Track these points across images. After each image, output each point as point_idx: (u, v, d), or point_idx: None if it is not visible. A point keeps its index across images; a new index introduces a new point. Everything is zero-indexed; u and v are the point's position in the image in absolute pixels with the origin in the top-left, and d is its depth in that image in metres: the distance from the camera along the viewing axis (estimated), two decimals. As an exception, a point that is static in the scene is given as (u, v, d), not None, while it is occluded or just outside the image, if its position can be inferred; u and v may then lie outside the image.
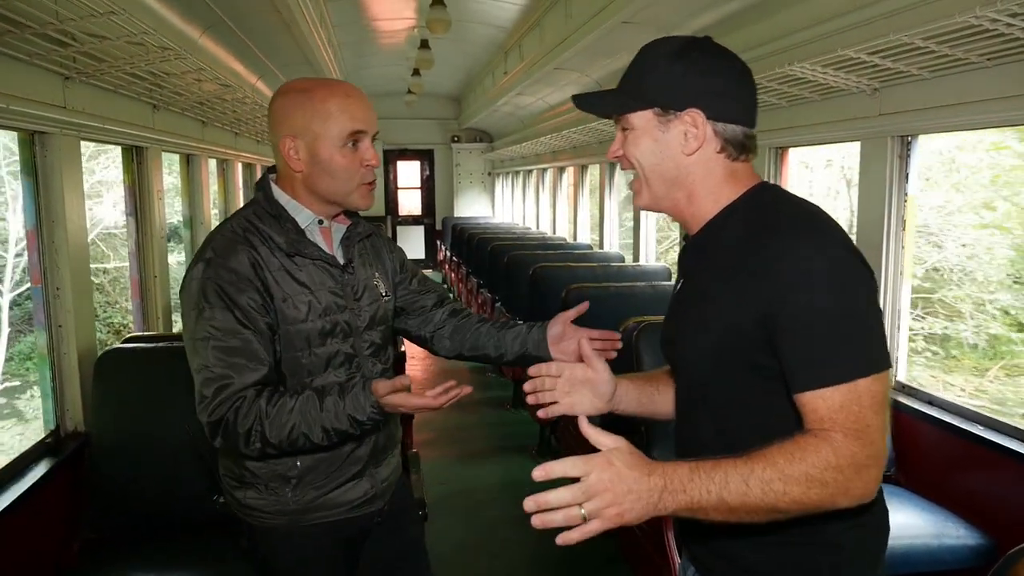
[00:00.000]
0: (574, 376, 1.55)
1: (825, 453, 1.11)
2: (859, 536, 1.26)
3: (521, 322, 1.90)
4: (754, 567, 1.30)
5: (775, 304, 1.16)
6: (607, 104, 1.40)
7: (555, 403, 1.54)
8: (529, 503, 1.08)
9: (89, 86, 2.98)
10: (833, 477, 1.11)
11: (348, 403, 1.54)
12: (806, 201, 1.29)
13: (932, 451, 2.78)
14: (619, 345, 1.71)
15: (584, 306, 1.85)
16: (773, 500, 1.11)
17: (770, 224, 1.22)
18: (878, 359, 1.15)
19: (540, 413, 1.57)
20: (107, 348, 2.69)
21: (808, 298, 1.14)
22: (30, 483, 2.36)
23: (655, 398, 1.60)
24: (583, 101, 1.41)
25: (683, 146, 1.30)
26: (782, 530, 1.20)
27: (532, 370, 1.58)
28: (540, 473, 1.09)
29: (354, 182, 1.64)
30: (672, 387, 1.55)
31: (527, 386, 1.57)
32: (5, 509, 2.21)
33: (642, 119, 1.32)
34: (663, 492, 1.10)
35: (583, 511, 1.08)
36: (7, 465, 2.42)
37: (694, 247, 1.38)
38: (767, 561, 1.29)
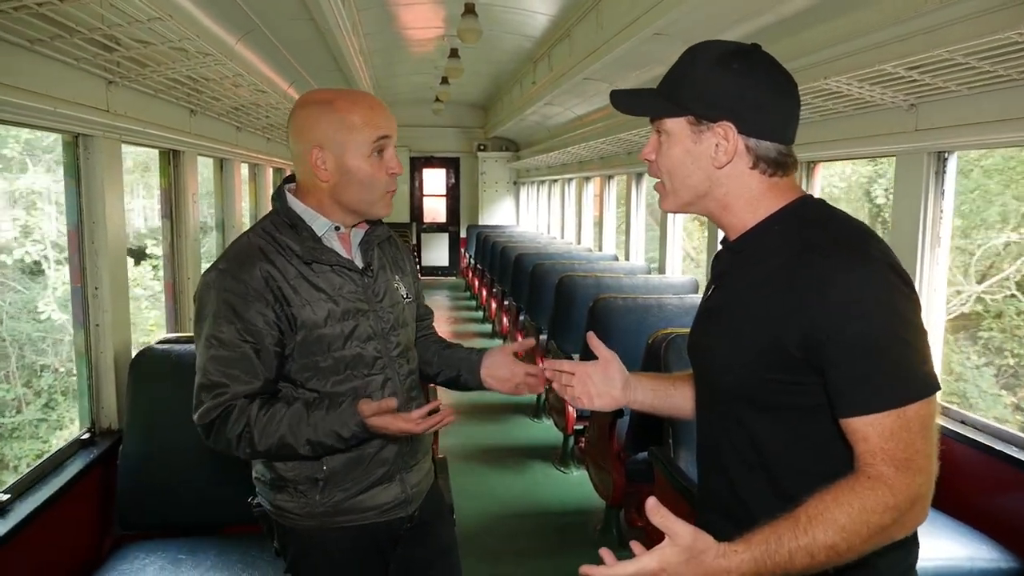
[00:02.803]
0: (586, 371, 1.59)
1: (881, 495, 1.11)
2: (892, 555, 1.24)
3: (465, 347, 1.97)
4: None
5: (823, 328, 1.14)
6: (643, 105, 1.37)
7: (578, 398, 1.59)
8: None
9: (131, 90, 3.04)
10: (892, 517, 1.11)
11: (334, 418, 1.58)
12: (851, 218, 1.27)
13: (965, 472, 2.74)
14: (544, 382, 1.74)
15: (530, 342, 1.93)
16: (839, 559, 1.12)
17: (817, 243, 1.19)
18: (927, 383, 1.14)
19: (573, 402, 1.61)
20: (142, 348, 2.73)
21: (859, 324, 1.12)
22: (66, 479, 2.40)
23: (671, 393, 1.61)
24: (619, 99, 1.39)
25: (713, 159, 1.27)
26: None
27: (548, 364, 1.63)
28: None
29: (378, 191, 1.67)
30: (691, 387, 1.55)
31: (555, 384, 1.62)
32: (42, 503, 2.25)
33: (677, 125, 1.30)
34: None
35: None
36: (45, 460, 2.47)
37: (730, 252, 1.36)
38: None
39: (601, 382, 1.58)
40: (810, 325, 1.15)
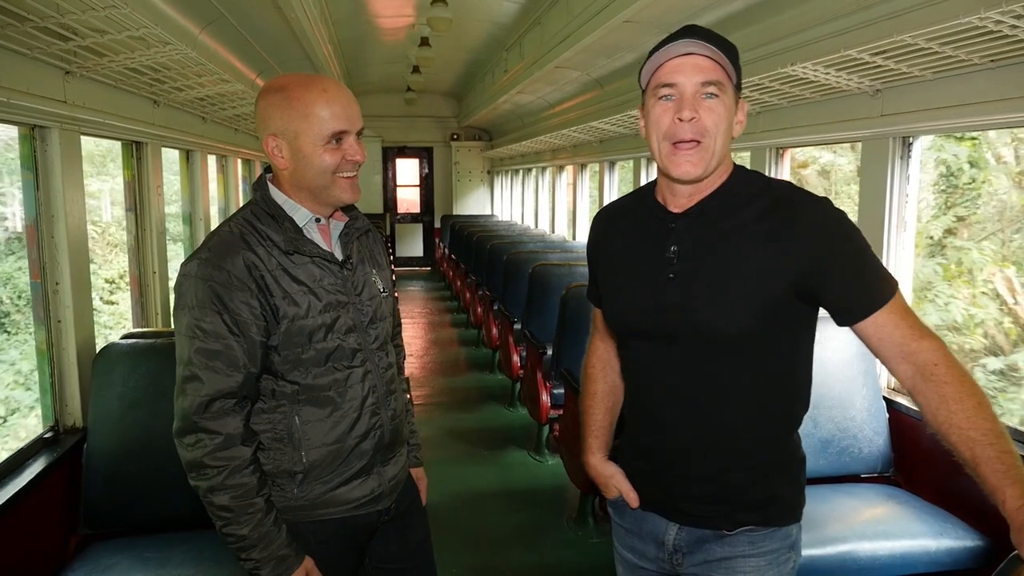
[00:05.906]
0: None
1: (956, 370, 1.29)
2: (793, 486, 1.52)
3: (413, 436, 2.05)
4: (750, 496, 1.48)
5: (819, 257, 1.33)
6: (728, 49, 1.40)
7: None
8: None
9: (90, 80, 2.97)
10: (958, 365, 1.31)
11: (278, 546, 1.61)
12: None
13: (931, 452, 2.78)
14: None
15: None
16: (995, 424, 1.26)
17: (784, 195, 1.40)
18: (894, 278, 1.39)
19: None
20: (106, 344, 2.68)
21: (846, 244, 1.35)
22: (28, 478, 2.35)
23: (615, 416, 1.79)
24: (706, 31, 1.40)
25: (735, 128, 1.42)
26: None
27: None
28: None
29: (334, 177, 1.64)
30: (613, 392, 1.76)
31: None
32: (3, 504, 2.20)
33: (730, 87, 1.39)
34: None
35: None
36: (5, 460, 2.41)
37: (691, 219, 1.44)
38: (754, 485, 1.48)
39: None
40: (807, 258, 1.33)
